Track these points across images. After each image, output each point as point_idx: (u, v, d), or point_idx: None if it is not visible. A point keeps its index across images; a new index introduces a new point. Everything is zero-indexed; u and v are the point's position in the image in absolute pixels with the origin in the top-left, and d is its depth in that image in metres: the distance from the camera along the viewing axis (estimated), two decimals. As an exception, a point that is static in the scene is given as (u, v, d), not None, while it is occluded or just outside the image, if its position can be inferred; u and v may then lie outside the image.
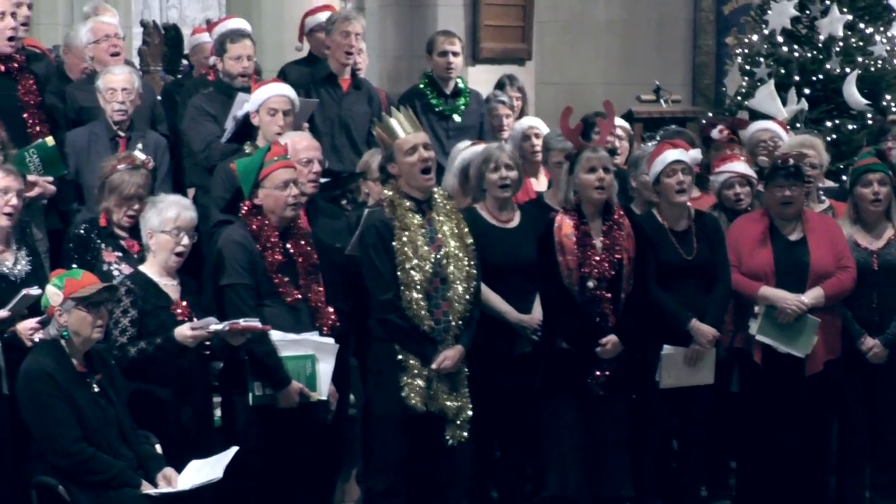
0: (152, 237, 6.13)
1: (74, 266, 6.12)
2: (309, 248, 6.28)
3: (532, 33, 11.12)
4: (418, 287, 6.23)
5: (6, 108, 7.26)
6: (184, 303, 6.08)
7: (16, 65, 7.40)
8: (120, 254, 6.40)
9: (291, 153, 6.49)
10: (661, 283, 6.69)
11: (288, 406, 6.14)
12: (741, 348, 6.97)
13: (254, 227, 6.21)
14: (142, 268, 6.17)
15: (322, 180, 6.87)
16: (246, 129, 7.32)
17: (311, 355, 6.16)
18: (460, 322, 6.32)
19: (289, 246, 6.23)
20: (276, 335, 6.10)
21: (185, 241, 6.13)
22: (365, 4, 11.29)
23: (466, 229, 6.43)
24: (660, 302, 6.68)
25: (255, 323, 5.96)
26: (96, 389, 5.68)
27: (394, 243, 6.25)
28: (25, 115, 7.36)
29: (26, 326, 5.91)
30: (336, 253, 6.56)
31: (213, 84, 8.17)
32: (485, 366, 6.50)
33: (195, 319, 6.00)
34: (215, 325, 5.90)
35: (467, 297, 6.33)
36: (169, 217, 6.10)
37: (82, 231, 6.57)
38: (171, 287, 6.13)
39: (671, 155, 6.83)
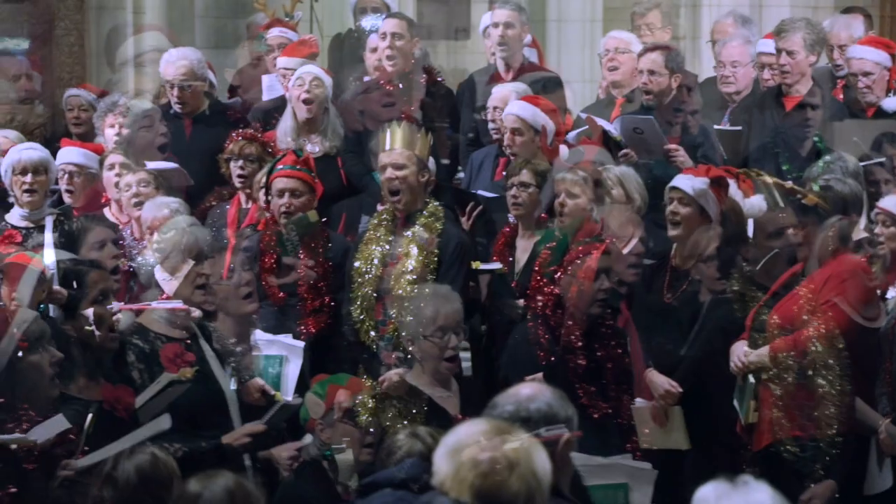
0: (413, 344, 6.00)
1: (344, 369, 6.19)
2: (620, 352, 6.25)
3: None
4: (780, 404, 6.10)
5: None
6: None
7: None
8: (402, 354, 6.30)
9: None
10: None
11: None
12: None
13: (551, 322, 6.19)
14: (409, 378, 6.04)
15: (646, 262, 6.82)
16: None
17: (625, 484, 6.11)
18: (832, 449, 6.11)
19: (595, 349, 6.21)
20: (579, 458, 6.01)
21: (454, 341, 5.96)
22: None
23: (837, 330, 6.23)
24: None
25: (559, 431, 5.89)
26: (364, 522, 5.69)
27: None
28: None
29: (284, 454, 5.85)
30: (661, 356, 6.49)
31: None
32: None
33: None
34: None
35: (840, 416, 6.13)
36: (427, 317, 5.94)
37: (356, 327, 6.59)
38: (447, 400, 6.01)
39: None
